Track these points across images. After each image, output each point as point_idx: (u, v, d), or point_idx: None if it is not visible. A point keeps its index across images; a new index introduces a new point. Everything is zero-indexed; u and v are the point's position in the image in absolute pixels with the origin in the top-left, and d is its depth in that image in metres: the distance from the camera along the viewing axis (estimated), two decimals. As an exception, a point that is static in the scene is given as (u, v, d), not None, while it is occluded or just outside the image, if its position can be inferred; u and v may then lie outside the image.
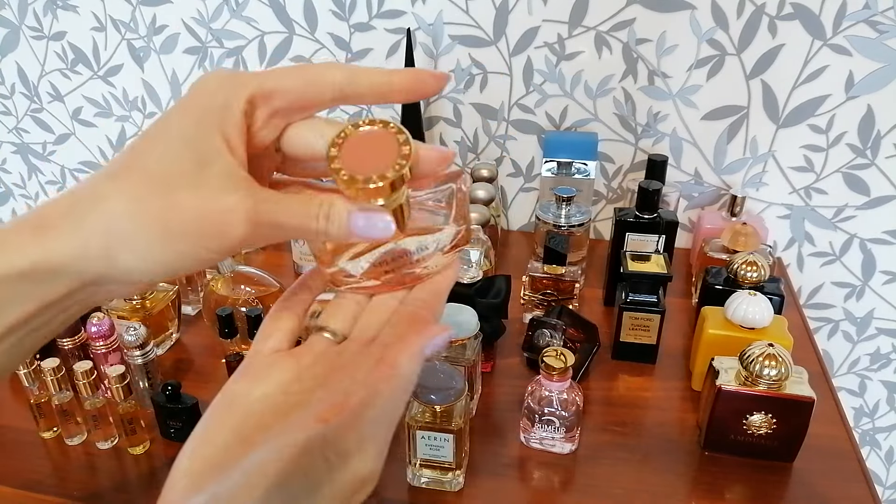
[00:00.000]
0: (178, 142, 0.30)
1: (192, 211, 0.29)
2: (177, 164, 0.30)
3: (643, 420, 0.74)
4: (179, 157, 0.30)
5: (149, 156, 0.30)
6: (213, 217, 0.30)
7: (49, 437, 0.74)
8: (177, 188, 0.29)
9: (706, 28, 0.95)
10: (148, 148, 0.31)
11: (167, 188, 0.29)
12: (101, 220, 0.29)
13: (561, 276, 0.86)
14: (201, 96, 0.32)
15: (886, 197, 1.01)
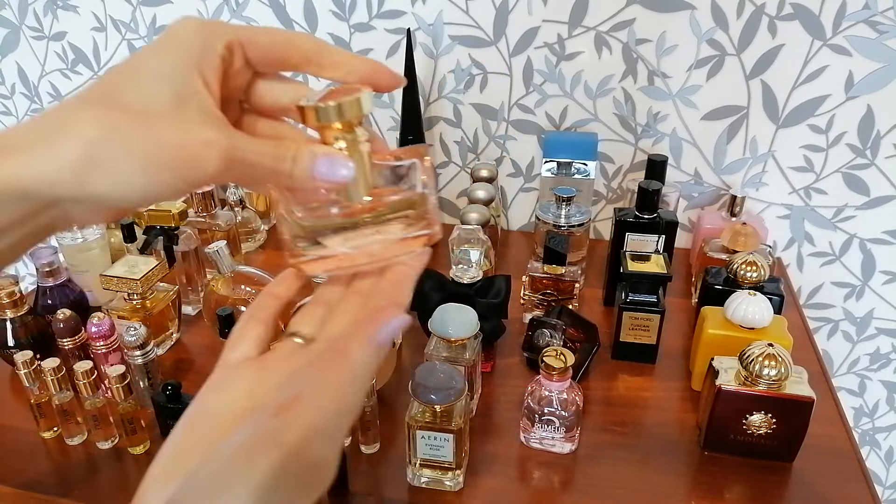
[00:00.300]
0: (157, 78, 0.32)
1: (171, 143, 0.31)
2: (155, 98, 0.31)
3: (643, 420, 0.74)
4: (158, 92, 0.31)
5: (126, 90, 0.31)
6: (191, 150, 0.31)
7: (49, 437, 0.74)
8: (156, 121, 0.31)
9: (706, 28, 0.95)
10: (123, 83, 0.32)
11: (147, 120, 0.31)
12: (76, 147, 0.29)
13: (561, 276, 0.86)
14: (179, 38, 0.33)
15: (886, 197, 1.01)
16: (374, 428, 0.69)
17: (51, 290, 0.83)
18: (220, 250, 0.80)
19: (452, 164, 1.16)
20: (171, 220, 0.88)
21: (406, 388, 0.65)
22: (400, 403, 0.76)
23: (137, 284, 0.79)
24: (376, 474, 0.68)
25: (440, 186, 1.19)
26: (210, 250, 0.80)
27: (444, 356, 0.68)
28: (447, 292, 0.76)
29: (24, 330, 0.78)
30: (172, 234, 0.89)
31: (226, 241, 0.83)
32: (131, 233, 0.88)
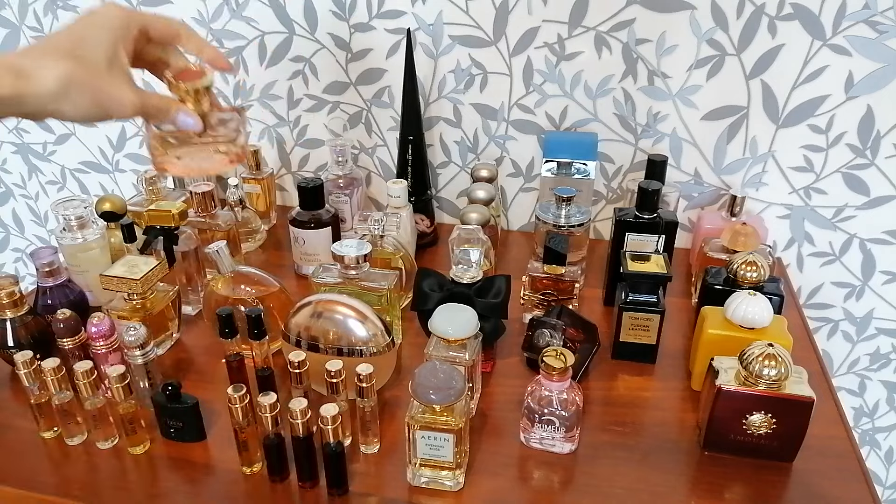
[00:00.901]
0: (97, 47, 0.53)
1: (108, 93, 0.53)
2: (97, 61, 0.52)
3: (643, 420, 0.74)
4: (98, 56, 0.53)
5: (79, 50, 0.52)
6: (119, 100, 0.54)
7: (49, 437, 0.74)
8: (99, 77, 0.52)
9: (706, 28, 0.95)
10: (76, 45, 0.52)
11: (94, 75, 0.52)
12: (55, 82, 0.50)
13: (561, 276, 0.86)
14: (108, 18, 0.54)
15: (886, 197, 1.01)
16: (374, 428, 0.69)
17: (51, 290, 0.83)
18: (220, 250, 0.80)
19: (452, 164, 1.16)
20: (171, 220, 0.88)
21: (406, 388, 0.65)
22: (400, 403, 0.76)
23: (137, 284, 0.79)
24: (376, 474, 0.68)
25: (441, 186, 1.19)
26: (210, 250, 0.80)
27: (444, 356, 0.68)
28: (447, 292, 0.76)
29: (24, 330, 0.78)
30: (172, 234, 0.89)
31: (226, 241, 0.83)
32: (131, 233, 0.88)
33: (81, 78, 0.51)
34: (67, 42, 0.52)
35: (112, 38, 0.53)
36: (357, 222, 0.91)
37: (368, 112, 1.15)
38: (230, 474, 0.68)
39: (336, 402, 0.64)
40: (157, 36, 0.58)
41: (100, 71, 0.52)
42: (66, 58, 0.51)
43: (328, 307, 0.74)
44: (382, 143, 1.18)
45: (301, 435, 0.62)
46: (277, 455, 0.66)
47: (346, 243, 0.82)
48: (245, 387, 0.65)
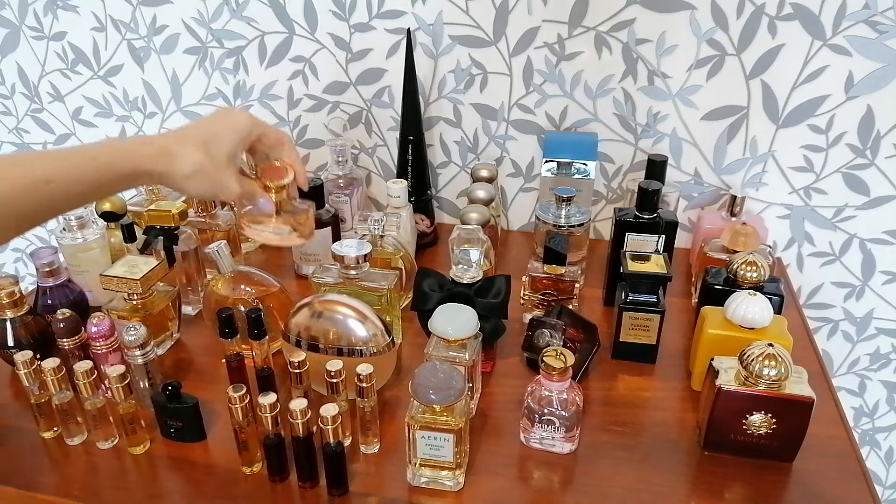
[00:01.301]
0: (223, 144, 0.65)
1: (222, 183, 0.66)
2: (220, 156, 0.65)
3: (643, 420, 0.74)
4: (222, 153, 0.65)
5: (208, 144, 0.64)
6: (227, 189, 0.67)
7: (49, 437, 0.74)
8: (220, 171, 0.65)
9: (706, 28, 0.95)
10: (207, 139, 0.65)
11: (216, 167, 0.65)
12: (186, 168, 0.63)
13: (561, 276, 0.86)
14: (237, 122, 0.67)
15: (886, 197, 1.01)
16: (374, 428, 0.69)
17: (51, 290, 0.83)
18: (220, 250, 0.80)
19: (452, 164, 1.16)
20: (171, 220, 0.88)
21: (406, 388, 0.65)
22: (400, 403, 0.76)
23: (137, 284, 0.79)
24: (376, 474, 0.68)
25: (441, 186, 1.19)
26: (210, 250, 0.80)
27: (444, 356, 0.68)
28: (447, 292, 0.76)
29: (24, 330, 0.78)
30: (172, 234, 0.89)
31: (226, 241, 0.83)
32: (131, 233, 0.88)
33: (207, 168, 0.64)
34: (204, 135, 0.65)
35: (236, 140, 0.67)
36: (357, 222, 0.91)
37: (368, 112, 1.15)
38: (230, 474, 0.68)
39: (336, 402, 0.64)
40: (267, 143, 0.71)
41: (221, 166, 0.65)
42: (200, 149, 0.64)
43: (328, 307, 0.74)
44: (382, 143, 1.18)
45: (301, 435, 0.62)
46: (277, 455, 0.66)
47: (346, 243, 0.82)
48: (245, 387, 0.65)
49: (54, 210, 0.58)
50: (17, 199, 0.53)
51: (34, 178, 0.54)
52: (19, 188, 0.53)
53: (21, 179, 0.54)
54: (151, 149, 0.61)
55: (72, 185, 0.56)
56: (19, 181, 0.54)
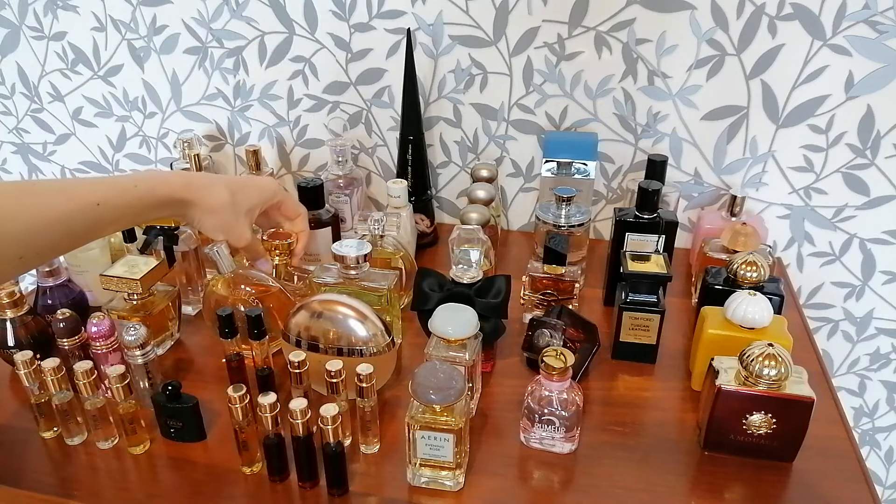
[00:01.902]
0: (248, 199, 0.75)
1: (236, 230, 0.75)
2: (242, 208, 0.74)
3: (643, 420, 0.74)
4: (244, 206, 0.74)
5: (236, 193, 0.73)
6: (239, 236, 0.75)
7: (49, 437, 0.74)
8: (237, 219, 0.74)
9: (706, 28, 0.95)
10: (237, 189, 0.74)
11: (236, 216, 0.73)
12: (214, 204, 0.71)
13: (561, 276, 0.86)
14: (265, 186, 0.78)
15: (886, 197, 1.01)
16: (374, 428, 0.69)
17: (51, 290, 0.83)
18: (219, 250, 0.80)
19: (452, 164, 1.16)
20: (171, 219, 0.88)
21: (406, 388, 0.65)
22: (400, 403, 0.76)
23: (137, 284, 0.79)
24: (376, 474, 0.68)
25: (441, 186, 1.19)
26: (210, 250, 0.80)
27: (444, 356, 0.68)
28: (447, 292, 0.76)
29: (24, 330, 0.78)
30: (172, 234, 0.89)
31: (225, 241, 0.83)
32: (131, 233, 0.88)
33: (228, 210, 0.72)
34: (234, 183, 0.74)
35: (259, 200, 0.76)
36: (357, 222, 0.91)
37: (368, 112, 1.15)
38: (230, 474, 0.68)
39: (336, 402, 0.64)
40: (284, 211, 0.82)
41: (240, 213, 0.74)
42: (228, 192, 0.72)
43: (328, 307, 0.74)
44: (382, 143, 1.18)
45: (301, 435, 0.62)
46: (277, 455, 0.66)
47: (346, 243, 0.82)
48: (245, 387, 0.65)
49: (99, 232, 0.63)
50: (73, 218, 0.59)
51: (88, 201, 0.60)
52: (76, 209, 0.59)
53: (78, 202, 0.59)
54: (185, 179, 0.70)
55: (118, 209, 0.63)
56: (75, 202, 0.59)
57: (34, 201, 0.57)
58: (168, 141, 1.28)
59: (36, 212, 0.57)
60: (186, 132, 1.20)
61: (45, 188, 0.59)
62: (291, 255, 0.84)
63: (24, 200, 0.56)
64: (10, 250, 0.55)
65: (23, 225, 0.55)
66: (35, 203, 0.57)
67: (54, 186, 0.61)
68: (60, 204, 0.58)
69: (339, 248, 0.81)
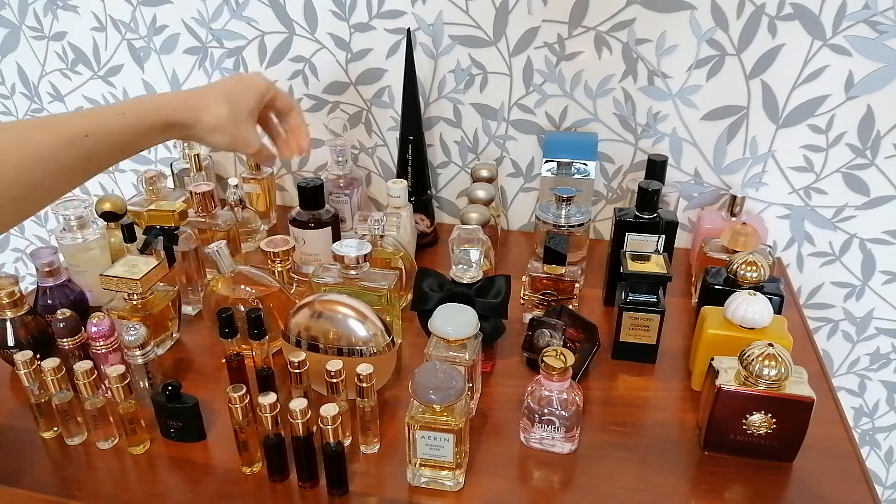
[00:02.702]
0: (244, 100, 0.73)
1: (244, 137, 0.74)
2: (241, 111, 0.72)
3: (643, 420, 0.74)
4: (243, 109, 0.73)
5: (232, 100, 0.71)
6: (247, 142, 0.75)
7: (49, 437, 0.74)
8: (241, 124, 0.73)
9: (706, 28, 0.95)
10: (231, 94, 0.72)
11: (239, 122, 0.72)
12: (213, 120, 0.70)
13: (561, 276, 0.86)
14: (255, 83, 0.75)
15: (886, 197, 1.01)
16: (374, 428, 0.69)
17: (51, 290, 0.83)
18: (220, 250, 0.80)
19: (452, 164, 1.16)
20: (171, 220, 0.88)
21: (406, 388, 0.65)
22: (400, 403, 0.76)
23: (137, 284, 0.79)
24: (376, 474, 0.68)
25: (441, 186, 1.19)
26: (210, 250, 0.80)
27: (444, 356, 0.68)
28: (447, 292, 0.76)
29: (24, 330, 0.78)
30: (172, 234, 0.89)
31: (226, 241, 0.83)
32: (131, 233, 0.88)
33: (230, 122, 0.71)
34: (227, 92, 0.72)
35: (256, 98, 0.74)
36: (357, 222, 0.91)
37: (368, 112, 1.15)
38: (230, 474, 0.68)
39: (336, 402, 0.64)
40: (278, 105, 0.79)
41: (242, 120, 0.72)
42: (224, 103, 0.70)
43: (328, 307, 0.74)
44: (382, 143, 1.18)
45: (301, 435, 0.62)
46: (277, 455, 0.66)
47: (346, 243, 0.82)
48: (245, 387, 0.65)
49: (95, 164, 0.62)
50: (60, 153, 0.58)
51: (73, 133, 0.59)
52: (61, 142, 0.58)
53: (62, 134, 0.58)
54: (178, 102, 0.68)
55: (109, 136, 0.61)
56: (61, 136, 0.58)
57: (15, 140, 0.55)
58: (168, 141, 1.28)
59: (19, 150, 0.55)
60: (186, 132, 1.19)
61: (23, 126, 0.58)
62: (292, 261, 0.87)
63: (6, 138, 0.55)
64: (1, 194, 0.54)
65: (12, 162, 0.54)
66: (17, 142, 0.55)
67: (32, 124, 0.59)
68: (44, 140, 0.57)
69: (339, 248, 0.81)
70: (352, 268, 0.81)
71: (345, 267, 0.81)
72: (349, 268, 0.81)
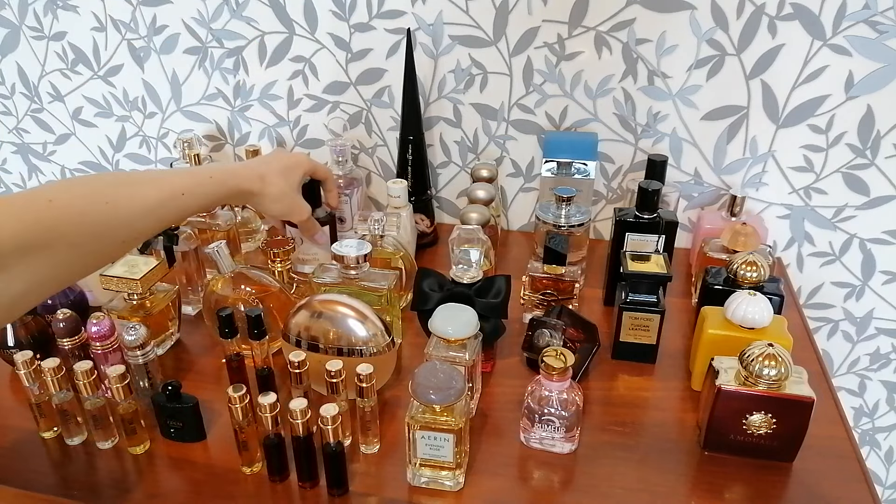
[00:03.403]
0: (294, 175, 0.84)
1: (298, 205, 0.86)
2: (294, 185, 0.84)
3: (643, 420, 0.74)
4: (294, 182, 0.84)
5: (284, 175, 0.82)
6: (301, 210, 0.86)
7: (49, 437, 0.74)
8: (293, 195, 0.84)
9: (706, 28, 0.95)
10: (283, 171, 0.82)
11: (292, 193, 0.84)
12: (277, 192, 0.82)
13: (561, 276, 0.86)
14: (300, 160, 0.86)
15: (886, 197, 1.01)
16: (374, 428, 0.69)
17: (51, 290, 0.83)
18: (220, 250, 0.80)
19: (452, 164, 1.16)
20: (171, 220, 0.88)
21: (406, 388, 0.65)
22: (400, 403, 0.76)
23: (137, 284, 0.79)
24: (376, 474, 0.68)
25: (441, 186, 1.19)
26: (210, 250, 0.80)
27: (444, 356, 0.68)
28: (447, 292, 0.76)
29: (24, 330, 0.78)
30: (172, 234, 0.89)
31: (226, 241, 0.83)
32: (131, 233, 0.88)
33: (287, 193, 0.82)
34: (282, 167, 0.82)
35: (301, 173, 0.85)
36: (357, 222, 0.91)
37: (368, 112, 1.15)
38: (230, 474, 0.68)
39: (336, 402, 0.64)
40: (319, 176, 0.90)
41: (295, 195, 0.84)
42: (282, 177, 0.81)
43: (328, 307, 0.74)
44: (382, 143, 1.18)
45: (301, 435, 0.62)
46: (277, 455, 0.66)
47: (346, 243, 0.82)
48: (245, 387, 0.65)
49: (183, 217, 0.71)
50: (164, 206, 0.66)
51: (174, 191, 0.68)
52: (166, 198, 0.67)
53: (167, 191, 0.67)
54: (250, 172, 0.79)
55: (198, 197, 0.71)
56: (165, 192, 0.67)
57: (132, 191, 0.64)
58: (168, 141, 1.28)
59: (135, 201, 0.63)
60: (186, 132, 1.19)
61: (140, 179, 0.66)
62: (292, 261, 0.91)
63: (123, 191, 0.63)
64: (116, 233, 0.62)
65: (125, 212, 0.62)
66: (133, 193, 0.64)
67: (147, 178, 0.67)
68: (153, 193, 0.65)
69: (339, 248, 0.81)
70: (352, 268, 0.81)
71: (345, 267, 0.81)
72: (349, 268, 0.81)
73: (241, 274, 0.82)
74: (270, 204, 0.81)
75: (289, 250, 0.88)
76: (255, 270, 0.84)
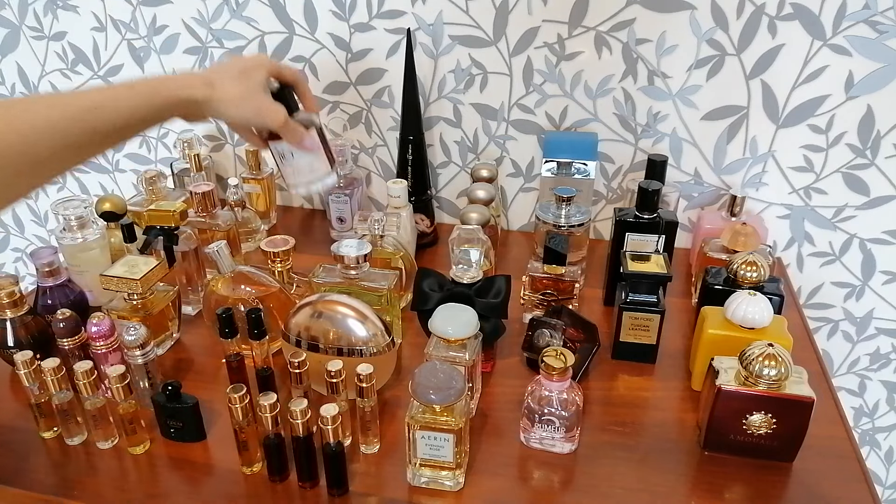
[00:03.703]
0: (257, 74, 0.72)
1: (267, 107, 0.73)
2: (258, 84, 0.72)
3: (643, 420, 0.74)
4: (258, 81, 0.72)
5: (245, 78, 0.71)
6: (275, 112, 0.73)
7: (49, 437, 0.74)
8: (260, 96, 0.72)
9: (706, 28, 0.95)
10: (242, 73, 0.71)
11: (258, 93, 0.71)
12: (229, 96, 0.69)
13: (561, 276, 0.86)
14: (260, 59, 0.74)
15: (886, 197, 1.01)
16: (374, 428, 0.69)
17: (51, 290, 0.83)
18: (220, 250, 0.80)
19: (452, 164, 1.16)
20: (171, 219, 0.88)
21: (406, 388, 0.65)
22: (400, 403, 0.76)
23: (137, 284, 0.79)
24: (376, 474, 0.68)
25: (441, 186, 1.19)
26: (210, 250, 0.80)
27: (444, 356, 0.68)
28: (447, 292, 0.76)
29: (24, 330, 0.78)
30: (172, 234, 0.89)
31: (226, 241, 0.83)
32: (131, 233, 0.88)
33: (249, 95, 0.70)
34: (236, 70, 0.71)
35: (265, 72, 0.73)
36: (357, 222, 0.91)
37: (368, 112, 1.15)
38: (230, 474, 0.68)
39: (336, 402, 0.64)
40: (285, 76, 0.76)
41: (259, 92, 0.71)
42: (237, 80, 0.70)
43: (328, 307, 0.74)
44: (382, 143, 1.18)
45: (301, 435, 0.62)
46: (277, 455, 0.66)
47: (347, 243, 0.82)
48: (245, 387, 0.65)
49: (101, 141, 0.60)
50: (68, 127, 0.56)
51: (81, 106, 0.58)
52: (70, 116, 0.57)
53: (71, 107, 0.57)
54: (190, 79, 0.67)
55: (116, 110, 0.60)
56: (70, 109, 0.57)
57: (16, 114, 0.54)
58: (168, 141, 1.28)
59: (19, 125, 0.54)
60: (186, 132, 1.19)
61: (41, 98, 0.58)
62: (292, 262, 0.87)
63: (17, 109, 0.55)
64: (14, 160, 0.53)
65: (21, 134, 0.53)
66: (17, 116, 0.54)
67: (51, 96, 0.59)
68: (46, 112, 0.56)
69: (339, 248, 0.81)
70: (352, 268, 0.81)
71: (345, 267, 0.81)
72: (349, 268, 0.81)
73: (241, 274, 0.82)
74: (233, 110, 0.69)
75: (288, 251, 0.87)
76: (255, 270, 0.84)
